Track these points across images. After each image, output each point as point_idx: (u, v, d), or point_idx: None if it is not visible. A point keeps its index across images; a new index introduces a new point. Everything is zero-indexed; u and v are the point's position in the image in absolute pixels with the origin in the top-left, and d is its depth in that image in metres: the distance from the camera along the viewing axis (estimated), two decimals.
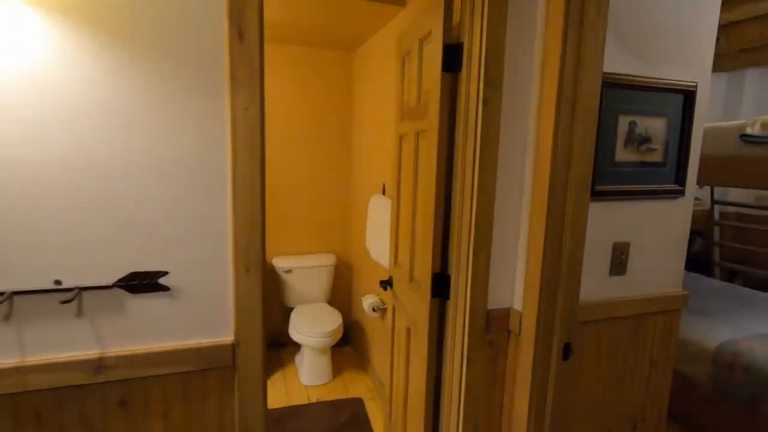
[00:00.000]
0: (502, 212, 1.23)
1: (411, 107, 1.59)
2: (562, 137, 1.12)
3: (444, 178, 1.31)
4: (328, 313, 2.76)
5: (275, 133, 2.93)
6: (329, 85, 3.01)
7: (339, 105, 3.05)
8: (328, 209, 3.13)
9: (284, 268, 2.87)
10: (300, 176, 3.03)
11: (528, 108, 1.21)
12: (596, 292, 1.36)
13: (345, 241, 3.21)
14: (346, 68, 3.03)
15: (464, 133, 1.21)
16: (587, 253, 1.25)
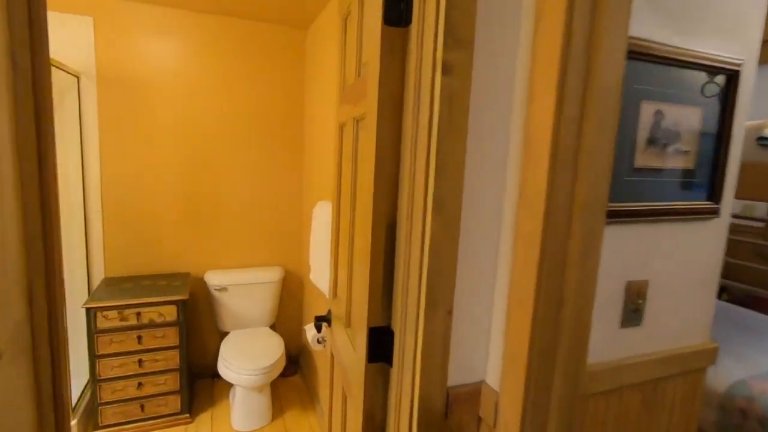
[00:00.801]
0: (471, 242, 0.81)
1: (350, 86, 1.15)
2: (566, 133, 0.70)
3: (388, 186, 0.88)
4: (268, 342, 2.29)
5: (208, 124, 2.44)
6: (278, 70, 2.54)
7: (289, 92, 2.59)
8: (276, 214, 2.67)
9: (218, 286, 2.39)
10: (241, 175, 2.55)
11: (513, 84, 0.79)
12: (600, 352, 0.96)
13: (296, 251, 2.75)
14: (297, 49, 2.57)
15: (414, 120, 0.78)
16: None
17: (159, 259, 2.44)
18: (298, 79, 2.59)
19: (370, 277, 0.88)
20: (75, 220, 2.25)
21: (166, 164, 2.38)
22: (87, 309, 1.95)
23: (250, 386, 2.07)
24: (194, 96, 2.39)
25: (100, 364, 2.00)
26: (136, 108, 2.29)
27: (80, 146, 2.21)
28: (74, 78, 2.15)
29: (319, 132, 2.29)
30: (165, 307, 2.08)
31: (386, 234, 0.89)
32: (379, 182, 0.86)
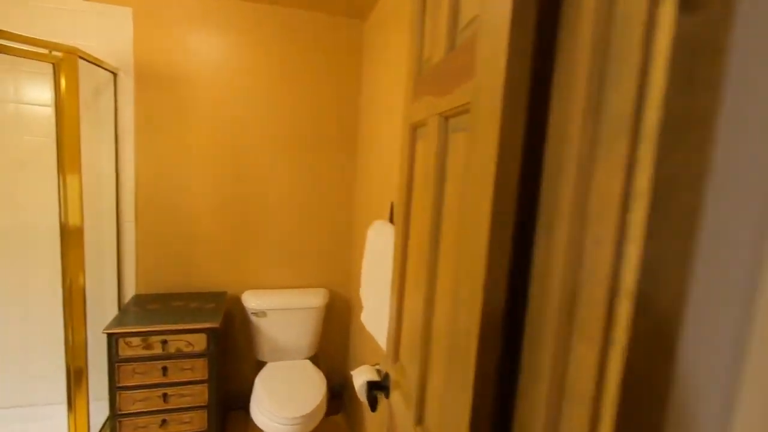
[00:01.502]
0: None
1: (433, 67, 0.78)
2: None
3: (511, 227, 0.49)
4: (308, 381, 1.96)
5: (251, 128, 2.17)
6: (331, 66, 2.23)
7: (343, 92, 2.27)
8: (322, 229, 2.35)
9: (255, 309, 2.10)
10: (285, 185, 2.26)
11: None
12: None
13: (344, 272, 2.42)
14: (353, 42, 2.25)
15: (591, 110, 0.39)
16: None
17: (193, 275, 2.19)
18: (354, 78, 2.27)
19: (474, 395, 0.50)
20: (107, 230, 2.05)
21: (203, 171, 2.14)
22: (108, 335, 1.71)
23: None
24: (235, 97, 2.13)
25: (121, 396, 1.76)
26: (174, 108, 2.06)
27: (115, 150, 2.01)
28: (111, 75, 1.95)
29: (378, 138, 1.94)
30: (194, 335, 1.81)
31: (502, 315, 0.50)
32: (500, 219, 0.48)
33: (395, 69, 1.70)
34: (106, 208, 2.04)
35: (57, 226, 1.59)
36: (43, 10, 1.86)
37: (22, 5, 1.83)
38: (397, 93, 1.66)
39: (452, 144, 0.68)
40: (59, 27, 1.86)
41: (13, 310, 2.01)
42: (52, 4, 1.86)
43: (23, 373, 2.06)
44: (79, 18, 1.90)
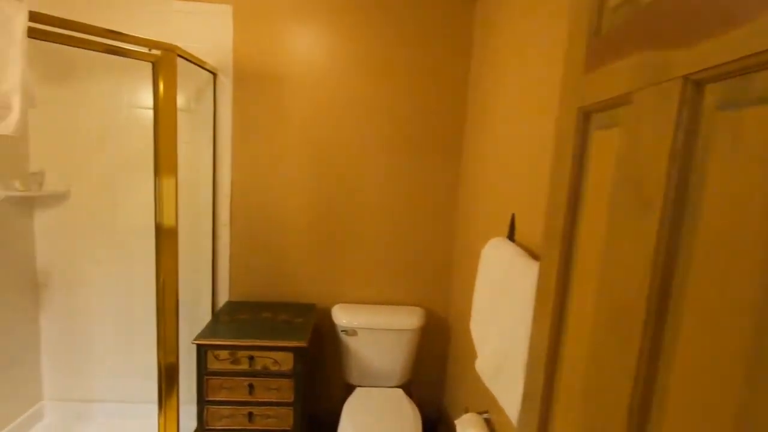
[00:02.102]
0: None
1: (646, 6, 0.45)
2: None
3: None
4: (400, 417, 1.71)
5: (347, 131, 1.99)
6: (434, 60, 1.96)
7: (447, 89, 1.98)
8: (421, 243, 2.08)
9: (346, 327, 1.91)
10: (381, 192, 2.04)
11: None
12: None
13: (443, 290, 2.13)
14: (462, 29, 1.95)
15: None
16: None
17: (283, 284, 2.08)
18: (461, 73, 1.97)
19: None
20: (203, 233, 2.02)
21: (296, 175, 2.01)
22: (198, 345, 1.64)
23: None
24: (332, 96, 1.96)
25: (208, 411, 1.68)
26: (270, 110, 1.96)
27: (213, 152, 1.97)
28: (211, 75, 1.91)
29: (493, 139, 1.62)
30: (281, 353, 1.66)
31: None
32: None
33: (519, 55, 1.37)
34: (203, 211, 2.01)
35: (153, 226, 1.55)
36: (145, 12, 1.87)
37: (125, 9, 1.86)
38: (523, 83, 1.33)
39: (718, 125, 0.36)
40: (161, 29, 1.85)
41: (117, 306, 2.07)
42: (155, 6, 1.86)
43: (125, 369, 2.12)
44: (181, 19, 1.88)
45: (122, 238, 2.03)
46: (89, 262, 2.03)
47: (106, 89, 1.94)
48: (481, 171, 1.72)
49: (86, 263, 2.04)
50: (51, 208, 1.99)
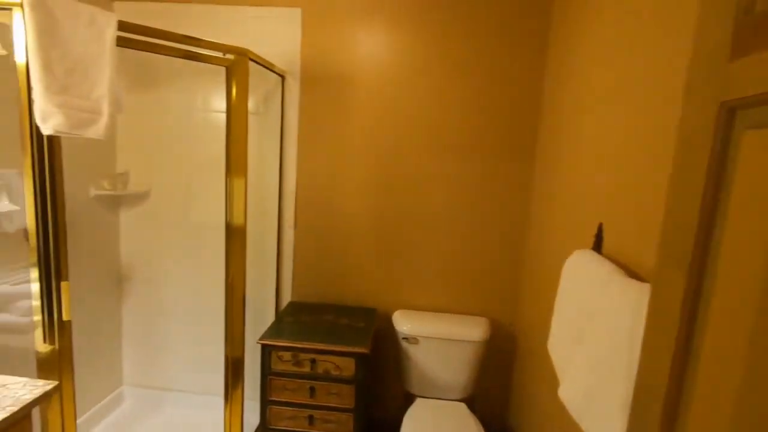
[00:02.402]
0: None
1: None
2: None
3: None
4: (464, 429, 1.62)
5: (413, 131, 1.93)
6: (502, 54, 1.84)
7: (519, 86, 1.86)
8: (489, 249, 1.97)
9: (407, 335, 1.85)
10: (447, 195, 1.95)
11: None
12: None
13: (510, 300, 2.00)
14: (535, 20, 1.81)
15: None
16: None
17: (345, 287, 2.06)
18: (535, 68, 1.83)
19: None
20: (269, 234, 2.05)
21: (361, 178, 1.98)
22: (262, 345, 1.65)
23: None
24: (398, 97, 1.91)
25: (271, 411, 1.70)
26: (336, 112, 1.95)
27: (280, 155, 2.00)
28: (280, 78, 1.93)
29: (576, 141, 1.48)
30: (342, 358, 1.64)
31: None
32: None
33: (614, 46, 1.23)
34: (269, 212, 2.04)
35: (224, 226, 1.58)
36: (218, 20, 1.93)
37: (200, 17, 1.93)
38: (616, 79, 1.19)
39: None
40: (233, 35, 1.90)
41: (189, 300, 2.17)
42: (227, 14, 1.92)
43: (195, 362, 2.21)
44: (252, 24, 1.92)
45: (195, 236, 2.12)
46: (165, 258, 2.15)
47: (183, 95, 2.03)
48: (559, 175, 1.58)
49: (163, 259, 2.15)
50: (134, 206, 2.12)
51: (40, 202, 1.17)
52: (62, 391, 1.26)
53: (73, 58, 1.13)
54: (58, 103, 1.10)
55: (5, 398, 1.02)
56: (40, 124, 1.09)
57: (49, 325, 1.23)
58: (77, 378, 1.32)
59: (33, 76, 1.07)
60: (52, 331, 1.23)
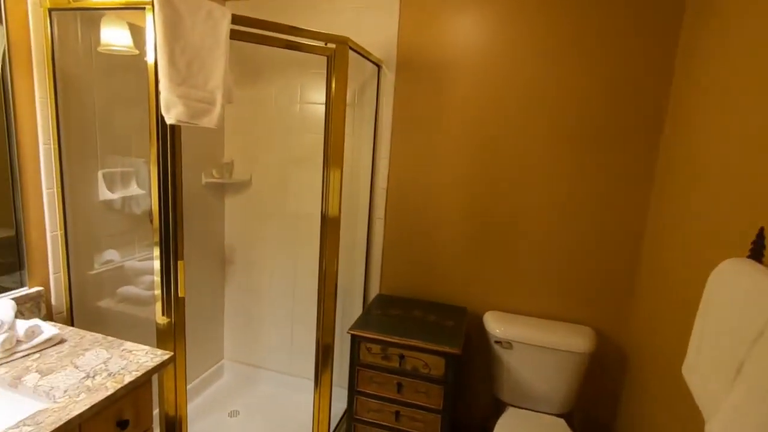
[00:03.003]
0: None
1: None
2: None
3: None
4: None
5: (514, 123, 1.78)
6: (622, 33, 1.61)
7: (642, 68, 1.61)
8: (597, 251, 1.77)
9: (500, 338, 1.73)
10: (551, 189, 1.78)
11: None
12: None
13: (621, 311, 1.78)
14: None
15: None
16: None
17: (434, 283, 1.99)
18: (663, 44, 1.58)
19: None
20: (360, 225, 2.06)
21: (458, 171, 1.89)
22: (352, 336, 1.66)
23: None
24: (501, 88, 1.78)
25: (358, 401, 1.70)
26: (432, 102, 1.88)
27: (373, 146, 1.98)
28: (376, 68, 1.91)
29: (728, 123, 1.24)
30: (432, 357, 1.58)
31: None
32: None
33: None
34: (360, 203, 2.04)
35: (319, 216, 1.60)
36: (315, 11, 1.95)
37: (296, 8, 1.96)
38: None
39: None
40: (331, 25, 1.91)
41: (284, 285, 2.26)
42: (326, 4, 1.93)
43: (287, 344, 2.31)
44: (350, 14, 1.92)
45: (291, 225, 2.20)
46: (263, 244, 2.27)
47: (283, 88, 2.11)
48: (694, 171, 1.34)
49: (261, 244, 2.27)
50: (237, 194, 2.27)
51: (162, 188, 1.27)
52: (176, 361, 1.37)
53: (192, 51, 1.20)
54: (179, 94, 1.17)
55: (131, 363, 1.13)
56: (164, 113, 1.17)
57: (167, 300, 1.33)
58: (186, 349, 1.42)
59: (160, 69, 1.15)
60: (169, 305, 1.34)
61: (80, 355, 1.15)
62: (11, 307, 1.15)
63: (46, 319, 1.37)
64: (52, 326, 1.22)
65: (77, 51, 1.44)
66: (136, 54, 1.51)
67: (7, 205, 1.27)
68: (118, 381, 1.04)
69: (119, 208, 1.67)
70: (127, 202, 1.69)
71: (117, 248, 1.69)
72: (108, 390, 1.01)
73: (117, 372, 1.08)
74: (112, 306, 1.67)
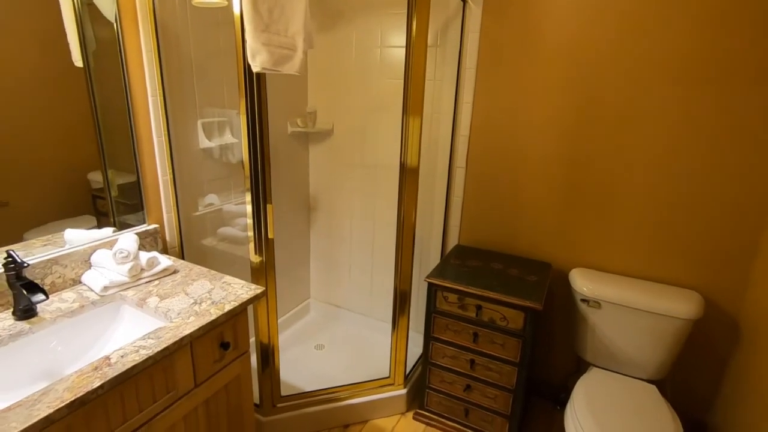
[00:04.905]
0: None
1: None
2: None
3: None
4: (653, 418, 1.37)
5: (614, 58, 1.54)
6: None
7: None
8: (710, 205, 1.54)
9: (587, 296, 1.63)
10: (657, 134, 1.56)
11: None
12: None
13: (737, 275, 1.56)
14: None
15: None
16: None
17: (518, 237, 1.91)
18: None
19: None
20: (440, 174, 2.01)
21: (549, 115, 1.72)
22: (429, 284, 1.67)
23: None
24: (604, 18, 1.53)
25: (433, 347, 1.74)
26: (523, 38, 1.70)
27: (455, 90, 1.88)
28: (461, 3, 1.76)
29: None
30: (511, 310, 1.54)
31: None
32: None
33: None
34: (441, 151, 1.98)
35: (397, 165, 1.59)
36: None
37: None
38: None
39: None
40: None
41: (364, 232, 2.34)
42: None
43: (367, 287, 2.42)
44: None
45: (371, 173, 2.23)
46: (345, 191, 2.34)
47: (364, 32, 2.05)
48: None
49: (343, 193, 2.34)
50: (320, 143, 2.33)
51: (251, 137, 1.34)
52: (267, 295, 1.51)
53: None
54: (263, 41, 1.19)
55: (230, 294, 1.26)
56: (250, 61, 1.21)
57: (258, 240, 1.45)
58: (276, 286, 1.55)
59: (245, 17, 1.17)
60: (260, 245, 1.45)
61: (189, 284, 1.31)
62: (135, 240, 1.33)
63: (162, 252, 1.57)
64: (167, 258, 1.41)
65: (174, 6, 1.52)
66: (224, 5, 1.56)
67: (129, 154, 1.44)
68: (220, 308, 1.18)
69: (216, 157, 1.82)
70: (223, 150, 1.83)
71: (216, 193, 1.85)
72: (212, 315, 1.14)
73: (219, 301, 1.21)
74: (214, 244, 1.87)
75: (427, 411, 1.84)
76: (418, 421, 1.85)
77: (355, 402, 1.79)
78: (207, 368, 1.17)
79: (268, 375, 1.61)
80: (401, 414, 1.88)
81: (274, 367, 1.61)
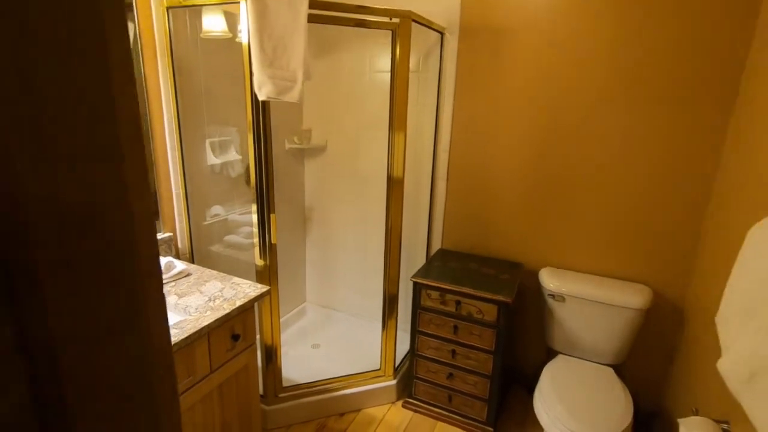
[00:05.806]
0: None
1: None
2: None
3: None
4: (609, 397, 1.59)
5: (575, 82, 1.79)
6: None
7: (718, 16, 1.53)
8: (659, 210, 1.78)
9: (553, 291, 1.84)
10: (612, 148, 1.80)
11: None
12: None
13: (680, 270, 1.79)
14: None
15: None
16: None
17: (492, 240, 2.13)
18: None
19: None
20: (423, 186, 2.23)
21: (520, 132, 1.96)
22: (414, 283, 1.88)
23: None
24: (564, 47, 1.78)
25: (419, 339, 1.94)
26: (495, 66, 1.93)
27: (436, 111, 2.10)
28: (439, 35, 2.00)
29: None
30: (485, 304, 1.75)
31: None
32: None
33: None
34: (424, 165, 2.20)
35: (385, 176, 1.80)
36: None
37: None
38: None
39: None
40: None
41: (355, 239, 2.54)
42: None
43: (359, 290, 2.61)
44: None
45: (362, 185, 2.44)
46: (338, 202, 2.54)
47: (353, 60, 2.28)
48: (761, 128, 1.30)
49: (335, 203, 2.55)
50: (315, 158, 2.54)
51: (257, 153, 1.54)
52: (271, 295, 1.70)
53: (277, 36, 1.41)
54: (268, 74, 1.41)
55: (239, 292, 1.45)
56: (256, 91, 1.42)
57: (262, 246, 1.64)
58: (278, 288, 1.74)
59: (252, 54, 1.38)
60: (265, 250, 1.64)
61: (203, 285, 1.50)
62: None
63: (175, 257, 1.75)
64: (181, 263, 1.59)
65: (187, 39, 1.73)
66: (229, 37, 1.77)
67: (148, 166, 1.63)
68: (231, 304, 1.37)
69: (219, 171, 2.01)
70: (225, 166, 2.03)
71: (220, 204, 2.05)
72: (225, 310, 1.33)
73: (230, 298, 1.40)
74: (221, 250, 2.06)
75: (415, 399, 2.03)
76: (407, 408, 2.04)
77: (349, 392, 1.98)
78: (221, 356, 1.36)
79: (271, 369, 1.80)
80: (392, 403, 2.06)
81: (277, 361, 1.80)
